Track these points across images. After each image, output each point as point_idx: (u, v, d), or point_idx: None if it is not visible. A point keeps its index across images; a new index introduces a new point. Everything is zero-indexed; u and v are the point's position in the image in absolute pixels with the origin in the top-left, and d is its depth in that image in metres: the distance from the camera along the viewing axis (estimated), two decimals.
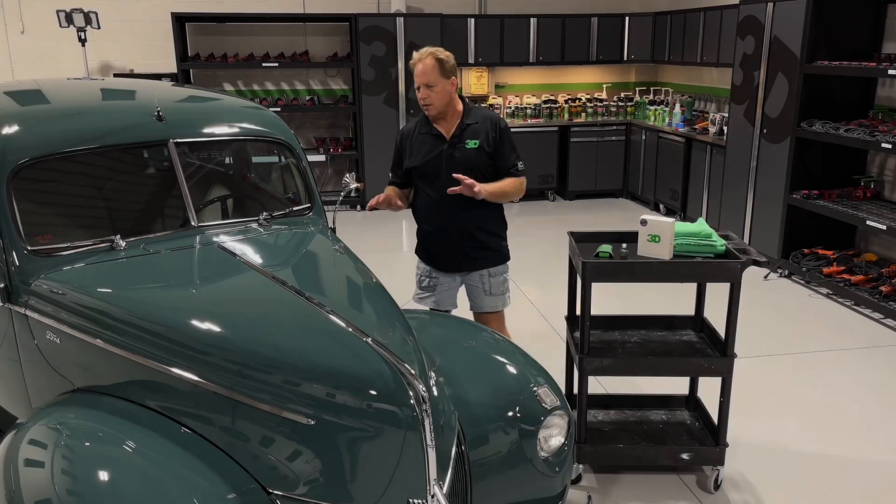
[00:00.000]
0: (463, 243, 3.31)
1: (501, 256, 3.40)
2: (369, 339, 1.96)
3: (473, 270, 3.37)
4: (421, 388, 1.90)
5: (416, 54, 3.19)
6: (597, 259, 2.96)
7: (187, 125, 2.81)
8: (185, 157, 2.78)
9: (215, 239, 2.61)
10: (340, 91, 8.83)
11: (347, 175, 3.27)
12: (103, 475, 1.84)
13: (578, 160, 8.72)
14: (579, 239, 3.23)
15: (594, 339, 3.21)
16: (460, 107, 3.28)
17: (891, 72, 4.81)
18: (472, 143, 3.22)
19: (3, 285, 2.37)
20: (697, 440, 3.22)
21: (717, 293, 3.23)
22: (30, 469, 1.89)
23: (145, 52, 8.25)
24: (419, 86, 3.17)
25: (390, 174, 3.46)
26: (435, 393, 2.10)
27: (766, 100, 6.01)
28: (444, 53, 3.19)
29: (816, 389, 4.06)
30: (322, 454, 1.92)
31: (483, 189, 3.12)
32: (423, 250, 3.43)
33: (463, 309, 3.44)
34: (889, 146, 4.86)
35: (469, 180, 3.08)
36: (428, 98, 3.16)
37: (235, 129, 2.99)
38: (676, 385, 3.58)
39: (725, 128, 6.81)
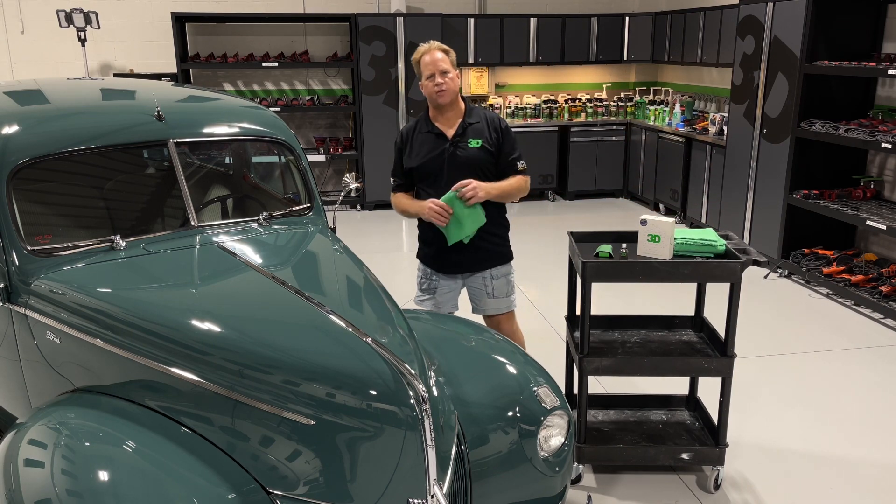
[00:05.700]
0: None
1: (503, 256, 3.38)
2: (369, 339, 1.96)
3: (475, 272, 3.35)
4: (421, 388, 1.90)
5: (421, 46, 3.22)
6: (597, 259, 2.96)
7: (187, 125, 2.81)
8: (184, 157, 2.78)
9: (215, 239, 2.61)
10: (340, 91, 8.83)
11: (347, 175, 3.27)
12: (103, 475, 1.84)
13: (578, 160, 8.72)
14: (579, 239, 3.23)
15: (594, 339, 3.22)
16: (462, 105, 3.29)
17: (891, 72, 4.81)
18: (474, 143, 3.21)
19: (2, 285, 2.37)
20: (697, 440, 3.22)
21: (717, 293, 3.23)
22: (30, 469, 1.89)
23: (145, 52, 8.25)
24: (432, 73, 3.16)
25: (392, 179, 3.37)
26: (435, 393, 2.10)
27: (766, 100, 6.01)
28: (446, 47, 3.24)
29: (816, 389, 4.06)
30: (322, 454, 1.92)
31: (483, 188, 3.12)
32: (424, 252, 3.41)
33: (464, 311, 3.43)
34: (889, 146, 4.86)
35: (469, 183, 3.08)
36: (444, 83, 3.15)
37: (235, 129, 2.99)
38: (676, 385, 3.58)
39: (725, 128, 6.81)
